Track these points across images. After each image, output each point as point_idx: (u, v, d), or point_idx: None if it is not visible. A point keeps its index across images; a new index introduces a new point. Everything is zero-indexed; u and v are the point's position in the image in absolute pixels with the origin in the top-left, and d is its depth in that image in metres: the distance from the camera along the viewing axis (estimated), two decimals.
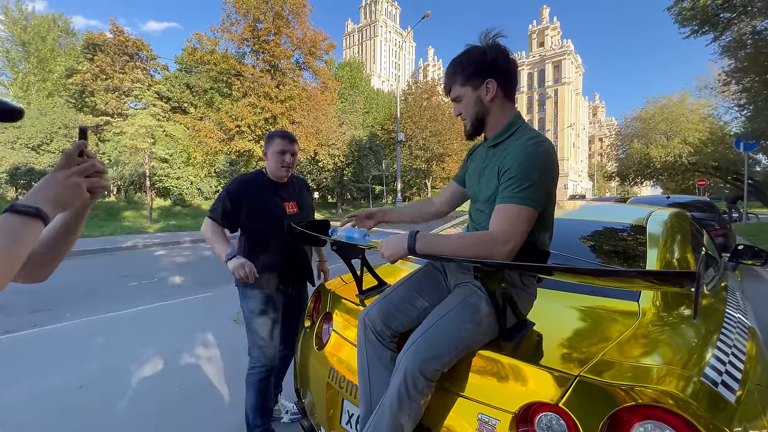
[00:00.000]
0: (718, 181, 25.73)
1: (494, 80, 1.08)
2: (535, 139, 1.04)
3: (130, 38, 21.00)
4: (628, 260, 1.52)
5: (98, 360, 2.87)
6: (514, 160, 1.01)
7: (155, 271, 6.48)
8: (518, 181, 0.99)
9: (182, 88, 22.77)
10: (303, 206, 1.95)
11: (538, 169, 1.00)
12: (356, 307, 1.44)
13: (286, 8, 16.80)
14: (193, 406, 2.25)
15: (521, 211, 0.98)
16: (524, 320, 1.09)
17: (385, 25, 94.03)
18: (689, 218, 2.08)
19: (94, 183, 0.65)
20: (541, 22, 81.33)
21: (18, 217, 0.54)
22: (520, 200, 0.98)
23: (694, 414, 0.75)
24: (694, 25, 10.49)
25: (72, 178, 0.61)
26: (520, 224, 0.97)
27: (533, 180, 0.98)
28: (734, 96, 12.48)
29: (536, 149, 1.01)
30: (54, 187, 0.59)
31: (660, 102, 27.35)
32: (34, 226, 0.55)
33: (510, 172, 1.00)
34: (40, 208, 0.56)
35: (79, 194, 0.62)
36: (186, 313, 4.08)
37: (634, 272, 0.80)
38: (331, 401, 1.34)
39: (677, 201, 6.87)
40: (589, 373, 0.86)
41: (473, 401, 0.98)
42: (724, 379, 0.87)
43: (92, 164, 0.65)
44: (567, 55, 74.43)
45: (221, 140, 16.41)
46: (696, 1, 9.92)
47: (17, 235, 0.53)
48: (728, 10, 9.79)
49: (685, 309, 1.24)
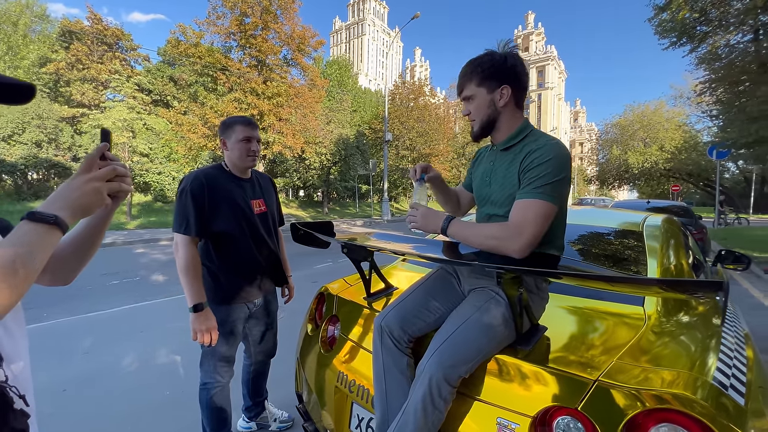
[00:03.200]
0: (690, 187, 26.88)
1: (510, 87, 1.11)
2: (555, 141, 1.07)
3: (110, 27, 20.21)
4: (630, 264, 1.56)
5: (82, 362, 2.76)
6: (539, 159, 1.03)
7: (137, 269, 6.27)
8: (542, 178, 1.02)
9: (165, 80, 22.07)
10: (269, 204, 1.77)
11: (559, 167, 1.03)
12: (365, 310, 1.43)
13: (274, 3, 16.52)
14: (188, 408, 2.19)
15: (541, 206, 1.00)
16: (537, 324, 1.11)
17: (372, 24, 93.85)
18: (679, 224, 2.16)
19: (115, 187, 0.63)
20: (527, 27, 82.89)
21: (36, 226, 0.52)
22: (540, 195, 1.01)
23: (708, 416, 0.78)
24: (673, 37, 10.89)
25: (91, 184, 0.59)
26: (539, 218, 1.00)
27: (555, 178, 1.02)
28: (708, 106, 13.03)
29: (559, 150, 1.04)
30: (73, 193, 0.58)
31: (638, 109, 28.41)
32: (51, 235, 0.53)
33: (534, 171, 1.03)
34: (59, 216, 0.54)
35: (99, 200, 0.60)
36: (172, 313, 3.97)
37: (656, 280, 0.83)
38: (340, 405, 1.33)
39: (657, 206, 7.10)
40: (607, 378, 0.89)
41: (492, 405, 0.98)
42: (732, 382, 0.91)
43: (112, 168, 0.63)
44: (550, 60, 76.15)
45: (205, 136, 16.01)
46: (675, 14, 10.31)
47: (35, 244, 0.51)
48: (705, 23, 10.21)
49: (684, 315, 1.29)
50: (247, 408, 1.98)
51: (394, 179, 30.67)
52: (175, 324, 3.58)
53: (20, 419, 0.55)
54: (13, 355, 0.58)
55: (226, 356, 1.64)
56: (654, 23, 11.09)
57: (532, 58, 78.40)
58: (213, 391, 1.64)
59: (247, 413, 1.98)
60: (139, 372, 2.65)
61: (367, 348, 1.32)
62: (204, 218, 1.52)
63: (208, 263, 1.60)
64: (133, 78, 20.30)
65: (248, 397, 1.97)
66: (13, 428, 0.53)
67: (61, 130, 19.20)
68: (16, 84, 0.57)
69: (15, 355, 0.58)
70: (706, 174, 24.14)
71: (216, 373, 1.63)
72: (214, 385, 1.64)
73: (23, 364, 0.61)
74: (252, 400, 1.97)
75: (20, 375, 0.59)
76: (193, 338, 1.49)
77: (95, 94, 19.77)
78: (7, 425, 0.53)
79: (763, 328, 3.68)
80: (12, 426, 0.53)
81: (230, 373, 1.69)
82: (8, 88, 0.57)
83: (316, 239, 1.50)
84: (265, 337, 1.86)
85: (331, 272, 5.95)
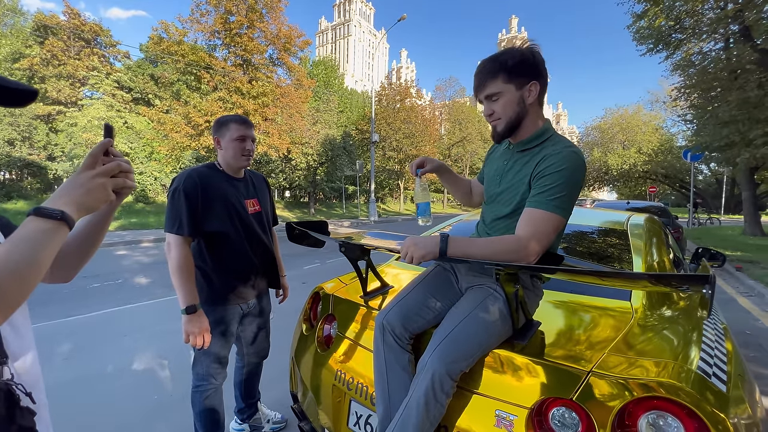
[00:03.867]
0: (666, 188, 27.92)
1: (538, 83, 1.06)
2: (573, 149, 1.04)
3: (87, 22, 19.58)
4: (615, 261, 1.62)
5: (62, 368, 2.67)
6: (554, 167, 1.00)
7: (119, 271, 6.09)
8: (555, 189, 0.99)
9: (146, 78, 21.50)
10: (263, 204, 1.75)
11: (575, 179, 1.01)
12: (361, 309, 1.44)
13: (260, 2, 16.33)
14: (178, 412, 2.15)
15: (552, 219, 0.99)
16: (532, 320, 1.14)
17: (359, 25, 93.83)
18: (660, 223, 2.25)
19: (119, 183, 0.63)
20: (510, 31, 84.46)
21: (42, 222, 0.51)
22: (553, 208, 0.99)
23: (694, 403, 0.82)
24: (650, 44, 11.33)
25: (96, 180, 0.59)
26: (549, 232, 0.99)
27: (569, 190, 1.00)
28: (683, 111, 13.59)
29: (576, 160, 1.01)
30: (78, 189, 0.57)
31: (617, 113, 29.35)
32: (58, 231, 0.53)
33: (548, 179, 1.00)
34: (65, 212, 0.53)
35: (104, 196, 0.60)
36: (157, 316, 3.88)
37: (646, 275, 0.87)
38: (338, 403, 1.33)
39: (636, 206, 7.36)
40: (600, 369, 0.93)
41: (490, 398, 1.01)
42: (714, 371, 0.96)
43: (117, 164, 0.62)
44: None
45: (189, 135, 15.68)
46: (652, 22, 10.72)
47: (41, 240, 0.50)
48: (680, 31, 10.65)
49: (667, 309, 1.35)
50: (239, 410, 1.96)
51: (380, 180, 30.74)
52: (159, 327, 3.50)
53: (27, 417, 0.54)
54: (19, 352, 0.57)
55: (220, 358, 1.62)
56: (632, 30, 11.49)
57: None
58: (206, 393, 1.61)
59: (239, 415, 1.96)
60: (123, 377, 2.58)
61: (365, 346, 1.33)
62: (197, 218, 1.49)
63: (201, 264, 1.57)
64: (113, 75, 19.74)
65: (241, 398, 1.94)
66: (20, 426, 0.53)
67: (36, 128, 18.45)
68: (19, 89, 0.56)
69: (21, 352, 0.58)
70: (681, 176, 25.16)
71: (209, 375, 1.61)
72: (207, 387, 1.61)
73: (30, 361, 0.60)
74: (245, 402, 1.95)
75: (27, 372, 0.58)
76: (186, 341, 1.46)
77: (72, 91, 19.13)
78: (14, 423, 0.52)
79: (735, 323, 3.86)
80: (19, 423, 0.53)
81: (223, 375, 1.67)
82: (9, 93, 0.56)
83: (311, 238, 1.50)
84: (258, 337, 1.84)
85: (320, 273, 5.92)
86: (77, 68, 18.81)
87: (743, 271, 6.20)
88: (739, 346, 1.23)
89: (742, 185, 13.65)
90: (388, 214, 28.51)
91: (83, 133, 16.89)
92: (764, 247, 9.22)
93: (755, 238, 11.42)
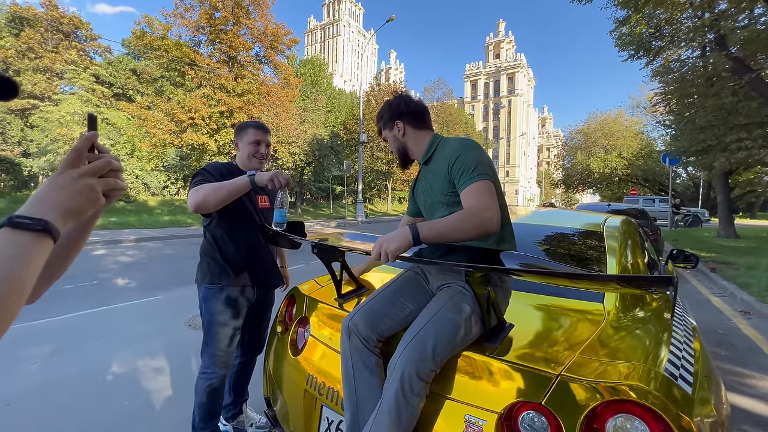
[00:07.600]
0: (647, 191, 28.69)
1: (401, 120, 1.34)
2: (462, 137, 1.25)
3: (66, 15, 18.97)
4: (590, 263, 1.64)
5: (29, 373, 2.55)
6: (456, 152, 1.18)
7: (95, 272, 5.89)
8: (469, 165, 1.15)
9: (128, 73, 20.94)
10: (272, 201, 1.84)
11: (477, 151, 1.18)
12: (335, 311, 1.41)
13: None
14: (144, 421, 2.08)
15: (484, 185, 1.12)
16: (504, 321, 1.13)
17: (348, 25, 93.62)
18: (636, 225, 2.29)
19: (110, 184, 0.53)
20: (498, 35, 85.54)
21: (21, 234, 0.41)
22: (478, 177, 1.12)
23: (660, 406, 0.82)
24: (631, 50, 11.62)
25: (83, 180, 0.48)
26: (488, 194, 1.11)
27: (479, 159, 1.16)
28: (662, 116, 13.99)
29: (468, 141, 1.22)
30: (61, 192, 0.46)
31: (600, 117, 30.02)
32: (42, 244, 0.43)
33: (458, 162, 1.16)
34: (48, 221, 0.43)
35: (93, 199, 0.49)
36: (132, 319, 3.75)
37: (614, 277, 0.87)
38: (309, 408, 1.30)
39: (616, 208, 7.57)
40: (569, 372, 0.92)
41: (460, 403, 1.00)
42: (681, 372, 0.97)
43: (107, 161, 0.52)
44: (520, 68, 78.94)
45: (172, 132, 15.32)
46: (633, 29, 11.00)
47: (22, 256, 0.41)
48: (659, 38, 10.96)
49: (639, 310, 1.36)
50: (225, 406, 1.91)
51: (368, 181, 30.69)
52: (134, 330, 3.39)
53: None
54: None
55: (228, 344, 1.67)
56: (615, 36, 11.76)
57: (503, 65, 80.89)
58: (210, 381, 1.65)
59: (224, 413, 1.92)
60: (93, 382, 2.48)
61: (337, 349, 1.30)
62: None
63: (218, 248, 1.68)
64: (91, 69, 19.16)
65: (229, 393, 1.92)
66: None
67: (10, 123, 17.76)
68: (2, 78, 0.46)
69: None
70: (660, 179, 25.88)
71: (215, 365, 1.65)
72: (212, 375, 1.65)
73: None
74: (231, 398, 1.93)
75: None
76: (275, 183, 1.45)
77: (48, 85, 18.48)
78: None
79: (708, 322, 3.98)
80: None
81: (228, 366, 1.71)
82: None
83: (286, 239, 1.46)
84: (257, 330, 1.90)
85: (304, 274, 5.81)
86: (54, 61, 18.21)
87: (717, 272, 6.40)
88: (711, 345, 1.25)
89: (717, 189, 14.12)
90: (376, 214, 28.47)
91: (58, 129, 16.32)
92: (737, 248, 9.57)
93: (729, 240, 11.85)
